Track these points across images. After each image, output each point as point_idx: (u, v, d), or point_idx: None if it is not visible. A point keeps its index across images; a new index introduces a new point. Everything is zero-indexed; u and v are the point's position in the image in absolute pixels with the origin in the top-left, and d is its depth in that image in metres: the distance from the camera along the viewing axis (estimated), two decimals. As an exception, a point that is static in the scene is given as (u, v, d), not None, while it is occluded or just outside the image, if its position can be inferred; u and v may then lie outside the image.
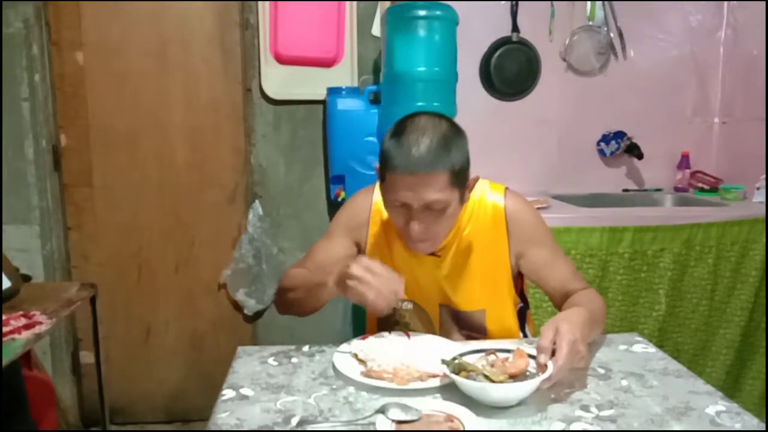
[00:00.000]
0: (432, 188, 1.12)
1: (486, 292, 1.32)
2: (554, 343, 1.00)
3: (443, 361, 1.03)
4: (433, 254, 1.29)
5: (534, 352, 1.03)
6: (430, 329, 1.36)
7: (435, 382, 1.04)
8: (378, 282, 1.07)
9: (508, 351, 1.07)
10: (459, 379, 0.98)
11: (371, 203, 1.36)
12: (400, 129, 1.16)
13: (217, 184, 2.62)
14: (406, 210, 1.16)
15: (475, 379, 0.98)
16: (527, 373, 1.02)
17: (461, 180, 1.17)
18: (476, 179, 1.24)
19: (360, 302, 1.09)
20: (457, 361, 1.03)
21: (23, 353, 1.43)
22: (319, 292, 1.21)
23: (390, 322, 1.38)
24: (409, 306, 1.33)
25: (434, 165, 1.11)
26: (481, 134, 1.35)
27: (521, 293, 1.43)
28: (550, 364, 0.98)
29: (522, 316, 1.43)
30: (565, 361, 0.98)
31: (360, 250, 1.37)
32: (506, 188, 1.35)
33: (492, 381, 0.98)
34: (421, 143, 1.11)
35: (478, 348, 1.10)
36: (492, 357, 1.06)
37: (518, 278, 1.40)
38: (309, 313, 1.29)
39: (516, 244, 1.30)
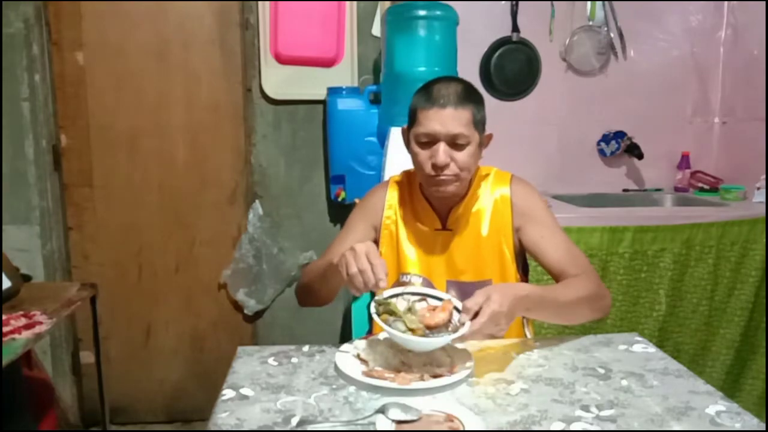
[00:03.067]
0: (458, 122, 1.26)
1: (492, 264, 1.38)
2: (480, 307, 1.07)
3: (375, 299, 1.11)
4: (445, 229, 1.39)
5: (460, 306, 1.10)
6: None
7: (437, 383, 1.04)
8: (363, 263, 1.10)
9: (440, 300, 1.15)
10: (379, 322, 1.06)
11: (386, 192, 1.46)
12: (428, 82, 1.33)
13: (217, 184, 2.62)
14: (431, 147, 1.28)
15: (390, 325, 1.06)
16: (449, 326, 1.08)
17: (480, 126, 1.32)
18: (490, 136, 1.37)
19: (343, 278, 1.14)
20: (387, 300, 1.12)
21: (23, 353, 1.43)
22: (329, 274, 1.27)
23: None
24: (419, 281, 1.39)
25: (461, 102, 1.27)
26: (481, 134, 1.37)
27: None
28: (466, 324, 1.05)
29: None
30: (481, 327, 1.05)
31: (376, 232, 1.45)
32: (512, 176, 1.44)
33: (408, 327, 1.06)
34: (450, 87, 1.29)
35: (417, 291, 1.17)
36: (423, 303, 1.13)
37: (522, 274, 1.45)
38: (324, 300, 1.37)
39: (517, 218, 1.38)
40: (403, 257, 1.41)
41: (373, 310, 1.10)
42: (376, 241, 1.44)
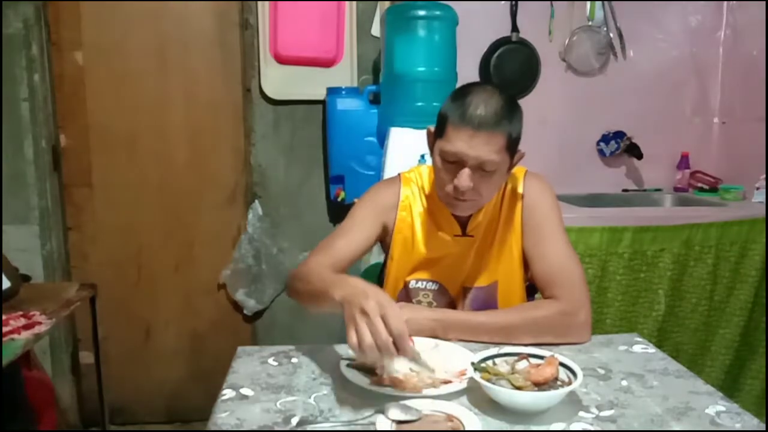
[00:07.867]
0: (489, 148, 1.16)
1: (501, 265, 1.33)
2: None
3: (472, 363, 1.01)
4: (466, 235, 1.32)
5: (567, 361, 1.01)
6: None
7: (448, 389, 1.01)
8: (379, 337, 0.93)
9: (542, 357, 1.04)
10: (482, 382, 0.96)
11: (400, 190, 1.37)
12: (465, 91, 1.21)
13: (217, 184, 2.62)
14: (456, 167, 1.19)
15: (494, 383, 0.96)
16: (557, 383, 0.98)
17: (513, 148, 1.22)
18: (522, 154, 1.27)
19: (348, 334, 0.97)
20: (483, 364, 1.02)
21: (23, 353, 1.43)
22: (324, 302, 1.12)
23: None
24: (435, 287, 1.34)
25: (496, 126, 1.16)
26: (480, 134, 1.36)
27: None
28: (579, 373, 0.97)
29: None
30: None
31: (387, 232, 1.36)
32: (526, 171, 1.38)
33: (514, 386, 0.96)
34: (488, 104, 1.16)
35: (512, 351, 1.07)
36: (523, 363, 1.03)
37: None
38: (314, 311, 1.26)
39: (525, 218, 1.32)
40: (417, 263, 1.34)
41: (472, 371, 0.99)
42: (386, 242, 1.38)
